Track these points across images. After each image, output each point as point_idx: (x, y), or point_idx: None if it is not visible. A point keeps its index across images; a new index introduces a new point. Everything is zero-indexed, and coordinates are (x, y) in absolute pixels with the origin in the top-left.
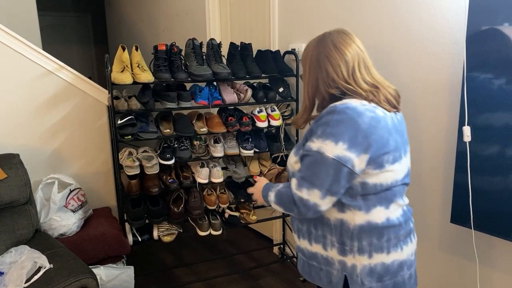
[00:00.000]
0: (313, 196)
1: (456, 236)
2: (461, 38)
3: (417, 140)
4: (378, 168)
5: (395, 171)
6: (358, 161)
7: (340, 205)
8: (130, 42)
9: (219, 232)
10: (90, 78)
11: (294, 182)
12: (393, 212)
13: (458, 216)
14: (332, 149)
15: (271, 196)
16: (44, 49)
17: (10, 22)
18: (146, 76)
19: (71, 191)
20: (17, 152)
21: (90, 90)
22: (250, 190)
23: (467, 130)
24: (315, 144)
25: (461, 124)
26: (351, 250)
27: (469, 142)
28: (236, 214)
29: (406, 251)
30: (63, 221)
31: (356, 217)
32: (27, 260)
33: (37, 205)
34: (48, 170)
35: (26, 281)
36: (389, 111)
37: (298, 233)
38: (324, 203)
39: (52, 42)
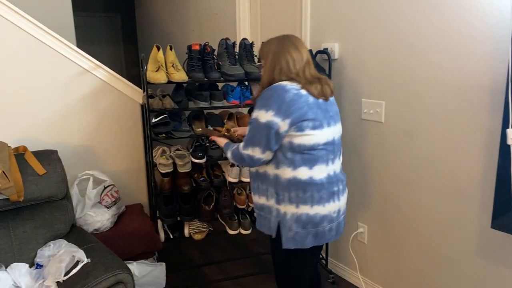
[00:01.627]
0: (256, 152)
1: (496, 242)
2: (505, 37)
3: (455, 142)
4: (300, 131)
5: (315, 135)
6: (282, 124)
7: (276, 163)
8: (159, 42)
9: (249, 231)
10: None
11: (241, 144)
12: (317, 173)
13: (500, 221)
14: (264, 116)
15: (229, 153)
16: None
17: (46, 21)
18: (180, 76)
19: (105, 188)
20: (55, 149)
21: (124, 89)
22: (213, 138)
23: (511, 132)
24: (254, 114)
25: (505, 126)
26: (283, 199)
27: None
28: None
29: (328, 208)
30: (98, 216)
31: (286, 172)
32: (65, 254)
33: (73, 201)
34: (83, 167)
35: (65, 275)
36: (317, 97)
37: (253, 191)
38: (265, 156)
39: (82, 42)
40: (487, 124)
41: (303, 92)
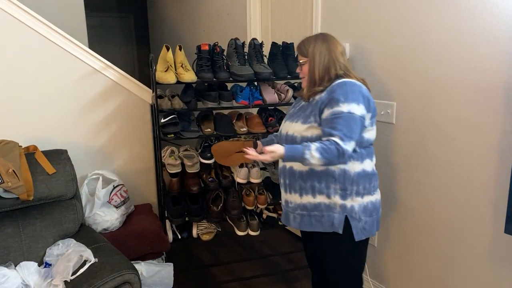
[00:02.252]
0: (351, 146)
1: (510, 248)
2: None
3: (468, 145)
4: (371, 126)
5: (374, 131)
6: (367, 118)
7: None
8: (171, 42)
9: (257, 233)
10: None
11: (337, 138)
12: (373, 164)
13: None
14: (357, 109)
15: (312, 153)
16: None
17: (58, 22)
18: (189, 76)
19: (114, 187)
20: (65, 148)
21: (134, 89)
22: (268, 148)
23: None
24: (343, 108)
25: None
26: (351, 193)
27: None
28: (274, 215)
29: (379, 193)
30: (106, 216)
31: (355, 166)
32: (73, 253)
33: (82, 200)
34: (93, 166)
35: (72, 274)
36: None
37: (300, 192)
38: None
39: (95, 42)
40: (501, 126)
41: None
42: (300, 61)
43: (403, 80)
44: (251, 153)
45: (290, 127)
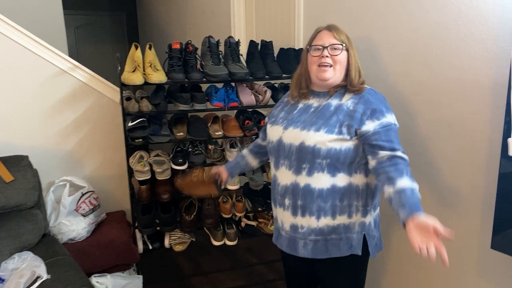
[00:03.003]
0: None
1: (497, 263)
2: (509, 35)
3: (452, 152)
4: None
5: None
6: None
7: (365, 170)
8: (158, 40)
9: (234, 242)
10: None
11: (400, 153)
12: None
13: (500, 241)
14: (395, 119)
15: (413, 184)
16: (79, 47)
17: (35, 21)
18: (158, 77)
19: (82, 195)
20: (30, 154)
21: (105, 90)
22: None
23: None
24: (389, 119)
25: (506, 135)
26: (371, 209)
27: None
28: (254, 223)
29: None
30: (73, 225)
31: (373, 178)
32: (27, 269)
33: (48, 208)
34: (62, 172)
35: None
36: None
37: (318, 214)
38: None
39: (87, 41)
40: (488, 133)
41: None
42: (336, 44)
43: (386, 81)
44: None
45: (307, 136)
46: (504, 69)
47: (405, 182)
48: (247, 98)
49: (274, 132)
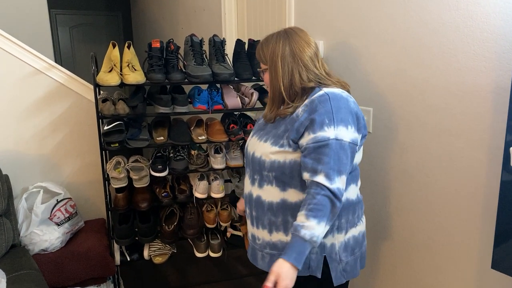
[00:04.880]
0: (343, 182)
1: (498, 284)
2: (511, 34)
3: (449, 159)
4: (360, 147)
5: (361, 150)
6: (359, 140)
7: None
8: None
9: (219, 254)
10: None
11: (322, 178)
12: (358, 189)
13: (501, 261)
14: (346, 133)
15: (309, 226)
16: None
17: (18, 19)
18: (135, 77)
19: (58, 202)
20: (2, 158)
21: (84, 92)
22: (270, 277)
23: None
24: (328, 133)
25: (508, 144)
26: (331, 230)
27: None
28: (240, 233)
29: (364, 222)
30: (45, 235)
31: None
32: None
33: (20, 217)
34: (38, 178)
35: None
36: None
37: (269, 227)
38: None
39: (83, 41)
40: (488, 139)
41: (352, 98)
42: (261, 68)
43: (380, 82)
44: None
45: (258, 146)
46: (506, 71)
47: (299, 219)
48: (232, 100)
49: (248, 139)
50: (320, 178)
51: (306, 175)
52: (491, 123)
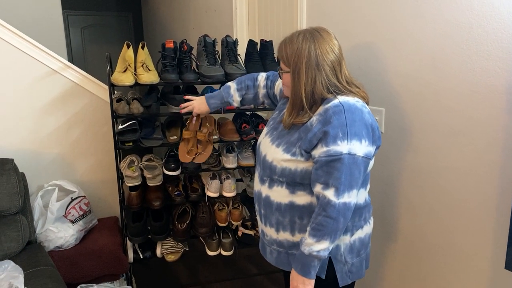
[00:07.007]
0: (353, 197)
1: (510, 285)
2: None
3: (462, 161)
4: (373, 157)
5: (373, 158)
6: (373, 152)
7: None
8: (161, 40)
9: (230, 253)
10: None
11: (330, 193)
12: (367, 192)
13: None
14: (360, 148)
15: (309, 244)
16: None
17: (33, 20)
18: (149, 77)
19: (72, 200)
20: (19, 156)
21: (98, 91)
22: None
23: None
24: (342, 147)
25: None
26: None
27: None
28: (251, 232)
29: (371, 224)
30: (60, 232)
31: None
32: (4, 280)
33: (35, 214)
34: (53, 176)
35: None
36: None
37: (277, 226)
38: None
39: (95, 41)
40: (503, 140)
41: (367, 107)
42: (281, 69)
43: (393, 82)
44: None
45: (270, 150)
46: None
47: (305, 234)
48: None
49: (261, 134)
50: (329, 193)
51: (316, 188)
52: (505, 123)
